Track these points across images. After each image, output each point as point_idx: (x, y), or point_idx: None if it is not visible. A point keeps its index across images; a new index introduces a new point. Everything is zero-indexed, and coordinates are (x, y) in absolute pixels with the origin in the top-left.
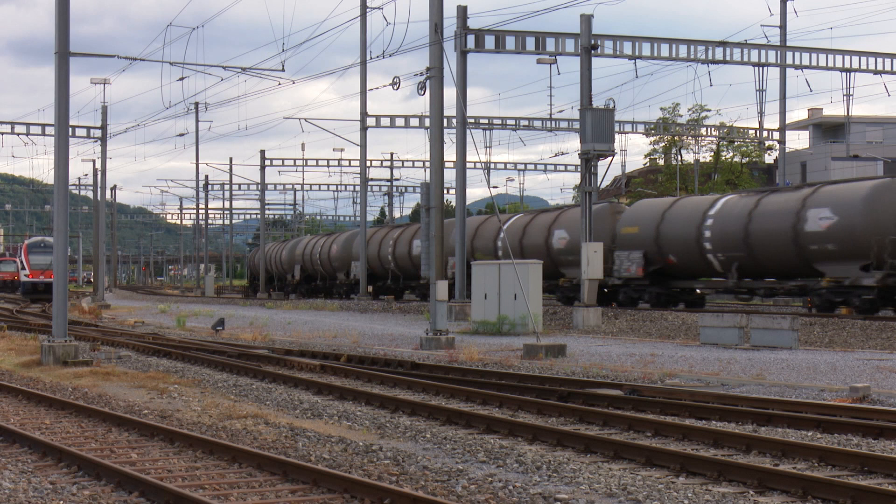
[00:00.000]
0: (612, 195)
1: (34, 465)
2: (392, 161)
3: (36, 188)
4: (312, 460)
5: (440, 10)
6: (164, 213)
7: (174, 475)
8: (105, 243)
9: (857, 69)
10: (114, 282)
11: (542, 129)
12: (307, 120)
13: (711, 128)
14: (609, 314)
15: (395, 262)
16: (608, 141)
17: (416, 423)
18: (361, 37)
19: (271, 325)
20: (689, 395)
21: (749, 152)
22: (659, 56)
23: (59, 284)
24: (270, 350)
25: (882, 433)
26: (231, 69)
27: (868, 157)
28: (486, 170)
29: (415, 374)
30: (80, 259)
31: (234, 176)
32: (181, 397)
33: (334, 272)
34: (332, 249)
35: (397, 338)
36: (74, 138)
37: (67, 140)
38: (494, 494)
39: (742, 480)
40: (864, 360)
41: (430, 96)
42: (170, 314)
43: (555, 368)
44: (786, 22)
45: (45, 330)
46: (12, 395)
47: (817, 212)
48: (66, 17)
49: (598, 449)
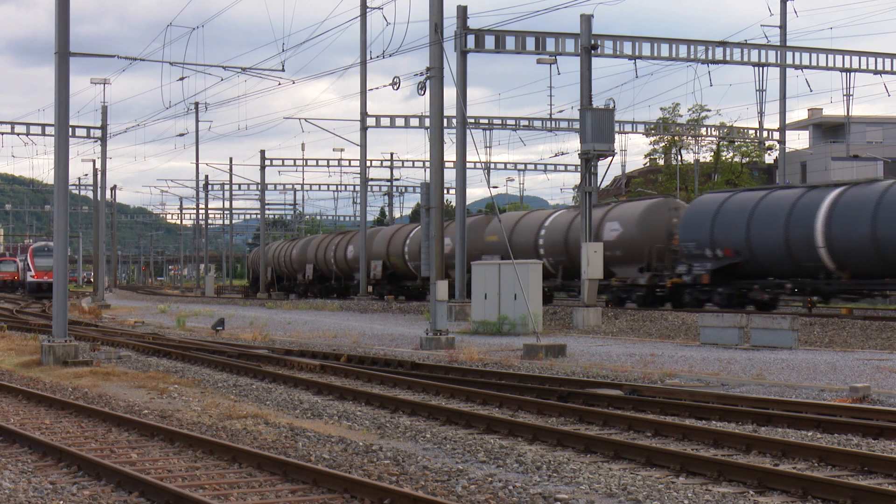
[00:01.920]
0: (611, 195)
1: (34, 465)
2: (392, 161)
3: (36, 188)
4: (312, 460)
5: (440, 10)
6: (164, 213)
7: (174, 475)
8: (105, 243)
9: (857, 69)
10: (114, 282)
11: (542, 129)
12: (307, 120)
13: (711, 128)
14: (609, 314)
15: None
16: (608, 141)
17: (416, 423)
18: (361, 37)
19: (271, 325)
20: (689, 395)
21: (749, 152)
22: (659, 56)
23: (58, 284)
24: (270, 350)
25: (882, 433)
26: (231, 69)
27: (868, 157)
28: (486, 170)
29: (415, 374)
30: (80, 259)
31: (234, 176)
32: (181, 397)
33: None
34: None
35: (397, 338)
36: (74, 138)
37: (67, 140)
38: (494, 494)
39: (742, 480)
40: (864, 360)
41: (430, 96)
42: (170, 314)
43: (555, 368)
44: (786, 22)
45: (45, 330)
46: (12, 395)
47: (610, 224)
48: (66, 17)
49: (598, 449)
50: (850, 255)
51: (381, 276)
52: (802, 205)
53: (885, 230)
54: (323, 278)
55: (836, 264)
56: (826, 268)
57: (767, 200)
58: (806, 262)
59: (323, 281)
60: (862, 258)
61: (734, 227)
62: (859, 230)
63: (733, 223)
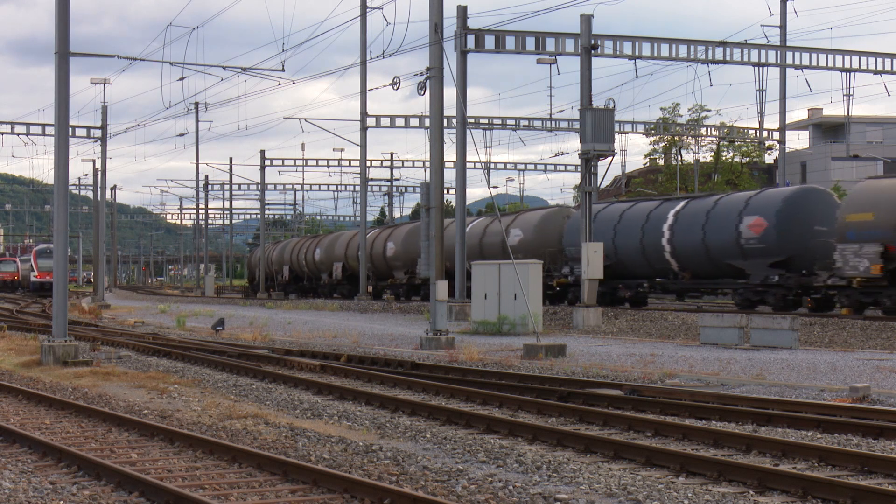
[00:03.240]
0: (612, 195)
1: (34, 465)
2: (392, 161)
3: (36, 188)
4: (312, 460)
5: (440, 10)
6: (164, 213)
7: (174, 475)
8: (105, 243)
9: (857, 69)
10: (114, 282)
11: (542, 129)
12: (307, 120)
13: (711, 128)
14: (609, 314)
15: (307, 266)
16: (608, 141)
17: (416, 423)
18: (361, 37)
19: (271, 325)
20: (689, 395)
21: (749, 152)
22: (659, 56)
23: (58, 284)
24: (270, 350)
25: (882, 433)
26: (231, 69)
27: (868, 157)
28: (486, 170)
29: (415, 374)
30: (80, 259)
31: (234, 176)
32: (181, 397)
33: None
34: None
35: (397, 338)
36: (74, 138)
37: (67, 140)
38: (494, 494)
39: (742, 480)
40: (864, 360)
41: (430, 96)
42: (170, 314)
43: (555, 368)
44: (786, 22)
45: (45, 330)
46: (12, 395)
47: (514, 231)
48: (66, 17)
49: (598, 449)
50: (689, 258)
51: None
52: (655, 215)
53: (713, 237)
54: (297, 278)
55: (679, 266)
56: (672, 269)
57: (630, 211)
58: (657, 264)
59: (297, 281)
60: (698, 261)
61: (605, 235)
62: (694, 237)
63: (604, 231)
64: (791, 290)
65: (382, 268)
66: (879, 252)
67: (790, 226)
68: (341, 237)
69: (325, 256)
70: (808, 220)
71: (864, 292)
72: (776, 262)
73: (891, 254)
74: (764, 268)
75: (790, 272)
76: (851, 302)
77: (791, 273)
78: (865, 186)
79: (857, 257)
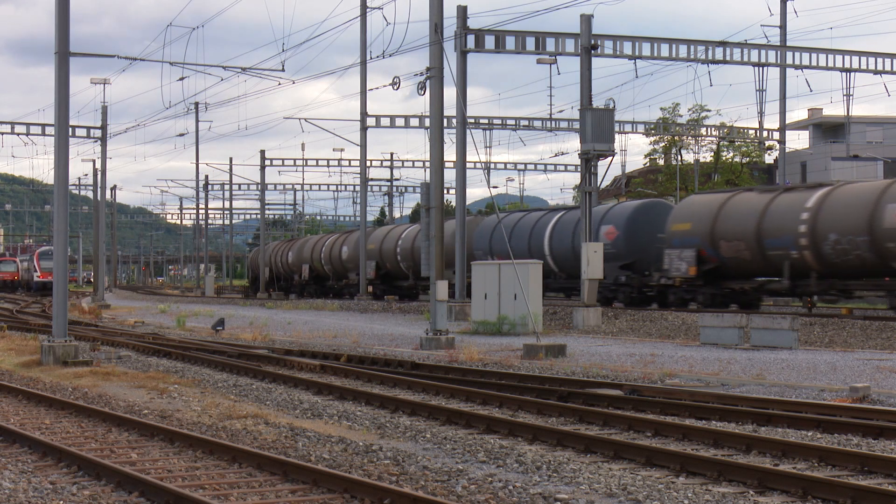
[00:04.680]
0: (611, 195)
1: (34, 465)
2: (392, 161)
3: (36, 188)
4: (312, 460)
5: (440, 10)
6: (164, 213)
7: (174, 475)
8: (105, 243)
9: (857, 69)
10: (114, 282)
11: (542, 129)
12: (307, 120)
13: (711, 128)
14: (609, 314)
15: (287, 267)
16: (608, 141)
17: (416, 423)
18: (361, 37)
19: (271, 325)
20: (689, 395)
21: (749, 152)
22: (659, 56)
23: (58, 284)
24: (270, 350)
25: (882, 433)
26: (231, 69)
27: (868, 157)
28: (486, 170)
29: (415, 374)
30: (80, 259)
31: (234, 176)
32: (181, 397)
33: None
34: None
35: (397, 338)
36: (74, 138)
37: (67, 140)
38: (494, 494)
39: (742, 480)
40: (864, 360)
41: (430, 96)
42: (170, 314)
43: (555, 368)
44: (786, 22)
45: (45, 330)
46: (12, 395)
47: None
48: (66, 17)
49: (598, 449)
50: (564, 261)
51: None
52: (540, 224)
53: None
54: (319, 279)
55: (557, 268)
56: (553, 271)
57: (522, 220)
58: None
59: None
60: (570, 263)
61: (501, 241)
62: (565, 243)
63: (501, 237)
64: (635, 288)
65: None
66: (695, 256)
67: (636, 234)
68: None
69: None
70: (650, 229)
71: (685, 290)
72: (625, 265)
73: (703, 257)
74: (616, 269)
75: (634, 273)
76: (676, 299)
77: (635, 274)
78: (688, 201)
79: (679, 260)
